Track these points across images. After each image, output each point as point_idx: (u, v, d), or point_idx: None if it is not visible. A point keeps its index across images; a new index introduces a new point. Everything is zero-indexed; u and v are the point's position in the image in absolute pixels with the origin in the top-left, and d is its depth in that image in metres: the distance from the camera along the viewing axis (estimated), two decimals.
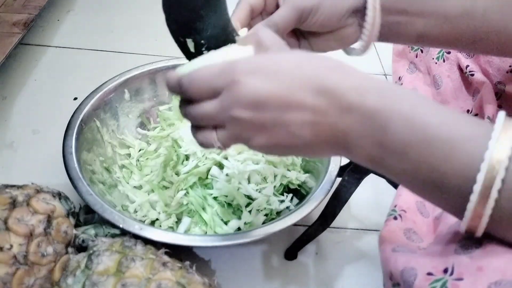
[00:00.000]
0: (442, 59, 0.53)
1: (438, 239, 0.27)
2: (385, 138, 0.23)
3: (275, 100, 0.24)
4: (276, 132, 0.25)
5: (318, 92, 0.23)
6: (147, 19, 0.78)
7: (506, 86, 0.46)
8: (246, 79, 0.24)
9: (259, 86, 0.24)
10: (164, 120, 0.56)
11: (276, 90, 0.24)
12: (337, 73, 0.24)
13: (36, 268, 0.34)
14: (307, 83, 0.23)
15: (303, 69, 0.24)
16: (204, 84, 0.25)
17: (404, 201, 0.34)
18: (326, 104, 0.23)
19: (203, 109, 0.26)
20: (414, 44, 0.38)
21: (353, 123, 0.23)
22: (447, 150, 0.21)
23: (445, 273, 0.22)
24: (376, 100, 0.23)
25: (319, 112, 0.23)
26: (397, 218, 0.33)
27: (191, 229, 0.46)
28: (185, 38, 0.32)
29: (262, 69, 0.24)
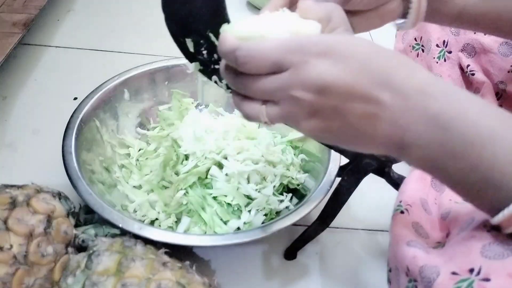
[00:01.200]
0: (443, 58, 0.53)
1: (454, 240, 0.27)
2: (446, 139, 0.23)
3: (341, 87, 0.23)
4: (332, 119, 0.24)
5: (385, 86, 0.23)
6: (147, 19, 0.78)
7: (507, 85, 0.46)
8: (316, 60, 0.23)
9: (327, 70, 0.23)
10: (163, 120, 0.56)
11: (343, 77, 0.23)
12: (405, 70, 0.23)
13: (36, 268, 0.35)
14: (376, 76, 0.23)
15: (374, 60, 0.23)
16: (266, 62, 0.24)
17: (408, 197, 0.34)
18: (391, 99, 0.23)
19: (262, 84, 0.24)
20: (451, 23, 0.37)
21: (415, 122, 0.23)
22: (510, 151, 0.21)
23: (471, 273, 0.22)
24: (441, 102, 0.23)
25: (382, 106, 0.23)
26: (404, 212, 0.33)
27: (191, 229, 0.46)
28: (185, 38, 0.32)
29: (333, 53, 0.23)
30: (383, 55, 0.24)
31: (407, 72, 0.23)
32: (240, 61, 0.24)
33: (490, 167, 0.22)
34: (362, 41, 0.24)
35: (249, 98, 0.26)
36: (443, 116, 0.22)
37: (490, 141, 0.22)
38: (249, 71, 0.24)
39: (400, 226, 0.31)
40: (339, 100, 0.23)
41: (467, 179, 0.23)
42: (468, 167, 0.23)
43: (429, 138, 0.23)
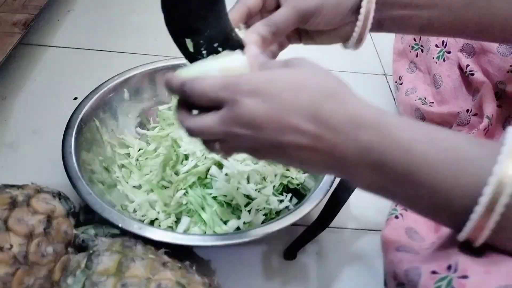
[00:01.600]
0: (443, 58, 0.53)
1: (441, 238, 0.27)
2: (384, 168, 0.23)
3: (272, 123, 0.24)
4: (274, 151, 0.26)
5: (313, 120, 0.24)
6: (147, 19, 0.78)
7: (507, 86, 0.46)
8: (246, 100, 0.25)
9: (256, 108, 0.24)
10: (163, 120, 0.56)
11: (273, 113, 0.24)
12: (333, 102, 0.24)
13: (36, 268, 0.35)
14: (303, 110, 0.24)
15: (300, 95, 0.24)
16: (205, 96, 0.26)
17: None
18: (322, 132, 0.24)
19: (204, 122, 0.27)
20: (417, 34, 0.38)
21: (350, 153, 0.24)
22: (451, 173, 0.22)
23: (449, 270, 0.22)
24: (371, 134, 0.23)
25: (314, 138, 0.24)
26: (398, 217, 0.33)
27: (190, 229, 0.46)
28: (184, 38, 0.32)
29: (261, 91, 0.24)
30: (312, 88, 0.24)
31: (335, 105, 0.24)
32: (186, 93, 0.27)
33: (433, 191, 0.22)
34: (294, 74, 0.25)
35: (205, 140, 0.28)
36: (376, 148, 0.23)
37: (425, 166, 0.22)
38: (194, 102, 0.27)
39: (392, 231, 0.31)
40: (273, 135, 0.25)
41: (418, 203, 0.24)
42: (413, 193, 0.23)
43: (367, 168, 0.24)
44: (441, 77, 0.53)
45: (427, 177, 0.22)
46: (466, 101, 0.50)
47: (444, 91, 0.53)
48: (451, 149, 0.22)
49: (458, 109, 0.51)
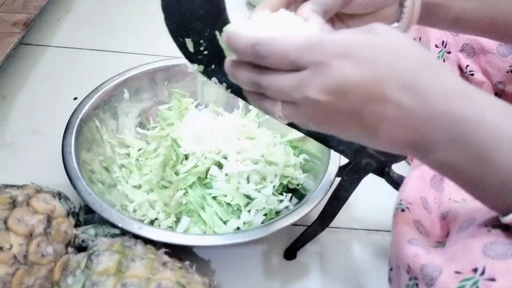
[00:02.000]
0: (443, 58, 0.53)
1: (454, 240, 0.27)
2: (467, 143, 0.23)
3: (361, 90, 0.23)
4: (347, 123, 0.24)
5: (407, 89, 0.23)
6: (147, 19, 0.78)
7: (506, 86, 0.46)
8: (336, 62, 0.22)
9: (348, 73, 0.22)
10: (163, 120, 0.56)
11: (365, 79, 0.22)
12: (429, 73, 0.23)
13: (36, 268, 0.35)
14: (398, 78, 0.23)
15: (397, 62, 0.23)
16: (287, 58, 0.23)
17: (408, 196, 0.34)
18: (412, 103, 0.23)
19: (279, 83, 0.24)
20: (449, 28, 0.37)
21: (436, 127, 0.23)
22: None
23: (475, 273, 0.22)
24: (464, 108, 0.22)
25: (402, 109, 0.23)
26: (405, 210, 0.33)
27: (190, 229, 0.46)
28: (184, 37, 0.32)
29: (355, 55, 0.23)
30: (408, 56, 0.23)
31: (432, 76, 0.23)
32: (260, 54, 0.24)
33: (505, 172, 0.22)
34: (386, 41, 0.23)
35: (265, 96, 0.26)
36: (465, 122, 0.22)
37: (507, 147, 0.22)
38: (271, 65, 0.24)
39: (402, 224, 0.31)
40: (357, 103, 0.23)
41: (485, 182, 0.23)
42: (486, 171, 0.23)
43: (449, 143, 0.23)
44: None
45: (505, 158, 0.22)
46: None
47: None
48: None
49: None
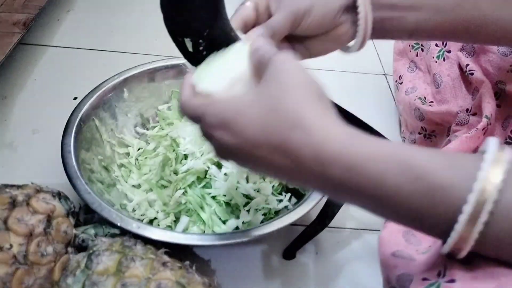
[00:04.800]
0: (443, 58, 0.53)
1: (436, 243, 0.27)
2: (358, 199, 0.23)
3: (244, 154, 0.25)
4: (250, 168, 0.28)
5: (283, 153, 0.24)
6: (147, 19, 0.78)
7: (507, 85, 0.46)
8: (216, 132, 0.26)
9: (227, 140, 0.25)
10: (163, 119, 0.56)
11: (242, 147, 0.25)
12: (298, 133, 0.23)
13: (36, 268, 0.35)
14: (271, 143, 0.24)
15: (267, 127, 0.24)
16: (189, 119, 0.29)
17: None
18: (287, 163, 0.24)
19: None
20: (409, 39, 0.37)
21: (322, 185, 0.24)
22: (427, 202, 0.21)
23: (439, 277, 0.22)
24: (339, 171, 0.22)
25: (285, 169, 0.24)
26: None
27: (189, 228, 0.46)
28: (183, 37, 0.32)
29: (228, 125, 0.25)
30: (280, 116, 0.24)
31: (301, 137, 0.23)
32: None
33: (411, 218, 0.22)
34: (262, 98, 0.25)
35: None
36: (346, 184, 0.23)
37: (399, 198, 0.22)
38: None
39: (389, 235, 0.31)
40: (247, 161, 0.26)
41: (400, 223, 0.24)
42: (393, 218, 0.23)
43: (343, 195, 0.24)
44: (441, 76, 0.53)
45: (403, 208, 0.22)
46: (465, 101, 0.50)
47: (443, 91, 0.53)
48: (424, 178, 0.21)
49: (458, 109, 0.50)
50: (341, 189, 0.23)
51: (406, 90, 0.59)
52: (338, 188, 0.23)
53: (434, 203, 0.21)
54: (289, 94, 0.24)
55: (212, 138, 0.26)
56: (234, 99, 0.26)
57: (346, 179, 0.22)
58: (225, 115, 0.25)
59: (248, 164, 0.27)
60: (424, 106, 0.55)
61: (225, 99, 0.26)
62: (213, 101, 0.27)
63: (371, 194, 0.22)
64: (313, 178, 0.24)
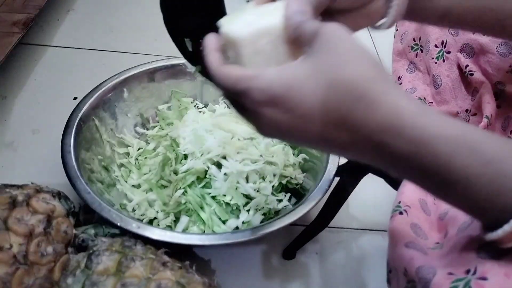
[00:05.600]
0: (442, 58, 0.53)
1: (452, 241, 0.27)
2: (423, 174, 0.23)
3: (298, 131, 0.24)
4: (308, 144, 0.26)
5: (344, 127, 0.22)
6: (147, 19, 0.78)
7: (506, 86, 0.46)
8: (264, 110, 0.23)
9: (278, 119, 0.23)
10: (163, 119, 0.56)
11: (297, 123, 0.23)
12: (362, 107, 0.22)
13: (36, 268, 0.35)
14: (331, 118, 0.22)
15: (326, 101, 0.22)
16: (227, 92, 0.26)
17: (407, 198, 0.34)
18: (351, 139, 0.23)
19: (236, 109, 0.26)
20: (436, 23, 0.37)
21: (381, 159, 0.23)
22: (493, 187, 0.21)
23: (467, 274, 0.22)
24: (407, 145, 0.22)
25: (343, 145, 0.23)
26: (403, 213, 0.33)
27: (189, 228, 0.47)
28: (183, 37, 0.32)
29: (280, 102, 0.23)
30: (340, 89, 0.22)
31: (365, 110, 0.22)
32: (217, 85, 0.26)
33: (472, 200, 0.22)
34: (314, 72, 0.23)
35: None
36: (413, 159, 0.22)
37: (465, 180, 0.21)
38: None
39: (399, 227, 0.31)
40: (301, 139, 0.24)
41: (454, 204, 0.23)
42: (451, 198, 0.23)
43: (402, 172, 0.23)
44: (440, 77, 0.53)
45: (465, 189, 0.21)
46: (465, 101, 0.50)
47: (443, 91, 0.53)
48: (493, 163, 0.21)
49: (457, 109, 0.51)
50: (404, 164, 0.22)
51: (405, 91, 0.59)
52: (401, 163, 0.22)
53: (502, 190, 0.21)
54: (350, 66, 0.22)
55: (258, 115, 0.24)
56: (285, 71, 0.24)
57: (411, 154, 0.22)
58: (276, 90, 0.23)
59: (300, 141, 0.25)
60: None
61: (273, 72, 0.24)
62: (259, 74, 0.24)
63: (436, 172, 0.22)
64: (376, 153, 0.23)
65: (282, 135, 0.25)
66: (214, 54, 0.26)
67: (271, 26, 0.26)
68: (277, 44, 0.26)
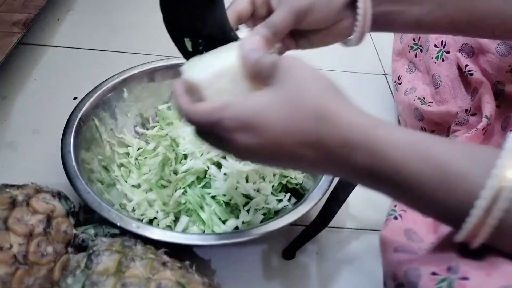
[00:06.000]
0: (442, 58, 0.53)
1: (439, 239, 0.27)
2: (381, 184, 0.24)
3: (268, 152, 0.25)
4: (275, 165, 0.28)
5: (310, 145, 0.24)
6: (147, 19, 0.78)
7: (506, 86, 0.46)
8: (236, 135, 0.25)
9: (250, 142, 0.25)
10: (162, 119, 0.56)
11: (267, 145, 0.25)
12: (325, 125, 0.24)
13: (36, 268, 0.35)
14: (297, 138, 0.24)
15: (291, 123, 0.24)
16: (199, 128, 0.28)
17: None
18: (316, 155, 0.25)
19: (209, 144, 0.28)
20: (411, 32, 0.38)
21: (348, 173, 0.25)
22: (445, 189, 0.22)
23: (449, 272, 0.22)
24: (365, 157, 0.23)
25: (311, 162, 0.25)
26: (397, 218, 0.33)
27: (189, 228, 0.47)
28: (183, 37, 0.32)
29: (250, 126, 0.25)
30: (303, 111, 0.24)
31: (328, 128, 0.24)
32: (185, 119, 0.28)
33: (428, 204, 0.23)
34: (280, 98, 0.25)
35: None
36: (370, 168, 0.24)
37: (419, 185, 0.22)
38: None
39: (391, 232, 0.32)
40: (272, 159, 0.26)
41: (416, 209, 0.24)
42: (411, 204, 0.24)
43: (367, 181, 0.25)
44: (440, 77, 0.53)
45: (422, 194, 0.23)
46: (465, 101, 0.50)
47: (443, 91, 0.53)
48: (443, 165, 0.22)
49: (457, 109, 0.51)
50: (365, 176, 0.24)
51: (405, 91, 0.59)
52: (363, 175, 0.24)
53: (453, 190, 0.22)
54: (308, 90, 0.25)
55: (232, 141, 0.26)
56: (251, 100, 0.26)
57: (369, 166, 0.23)
58: (245, 117, 0.25)
59: (273, 162, 0.27)
60: (423, 107, 0.55)
61: (241, 101, 0.26)
62: (228, 104, 0.26)
63: (393, 180, 0.23)
64: (340, 166, 0.24)
65: (256, 158, 0.27)
66: (183, 97, 0.28)
67: (230, 65, 0.28)
68: (236, 81, 0.28)
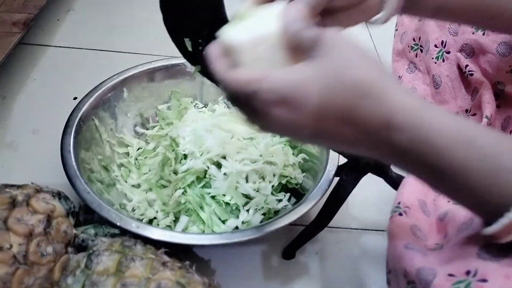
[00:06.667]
0: (442, 58, 0.53)
1: (452, 242, 0.27)
2: (421, 167, 0.24)
3: (304, 128, 0.25)
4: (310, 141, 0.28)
5: (350, 123, 0.23)
6: (147, 19, 0.78)
7: (506, 86, 0.46)
8: (272, 110, 0.24)
9: (285, 118, 0.24)
10: (162, 119, 0.56)
11: (304, 121, 0.24)
12: (367, 102, 0.23)
13: (36, 267, 0.35)
14: (337, 114, 0.23)
15: (332, 98, 0.23)
16: (234, 96, 0.26)
17: (407, 198, 0.35)
18: (359, 135, 0.24)
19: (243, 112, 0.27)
20: (432, 16, 0.37)
21: (386, 153, 0.24)
22: (490, 181, 0.22)
23: (468, 275, 0.22)
24: (408, 139, 0.23)
25: (349, 141, 0.24)
26: (402, 214, 0.33)
27: (189, 228, 0.47)
28: (183, 37, 0.32)
29: (287, 100, 0.24)
30: (345, 86, 0.23)
31: (370, 106, 0.23)
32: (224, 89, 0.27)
33: (469, 193, 0.23)
34: (320, 71, 0.24)
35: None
36: (413, 151, 0.23)
37: (463, 173, 0.22)
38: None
39: (398, 228, 0.31)
40: (309, 136, 0.25)
41: (452, 196, 0.24)
42: (449, 190, 0.24)
43: (403, 164, 0.24)
44: (440, 77, 0.53)
45: (464, 182, 0.22)
46: (465, 101, 0.50)
47: (443, 91, 0.53)
48: (490, 158, 0.22)
49: (457, 109, 0.51)
50: (406, 158, 0.23)
51: (406, 87, 0.59)
52: (403, 157, 0.23)
53: (498, 184, 0.21)
54: (354, 66, 0.24)
55: (267, 115, 0.25)
56: (291, 73, 0.25)
57: (413, 148, 0.23)
58: (284, 90, 0.24)
59: (307, 138, 0.26)
60: None
61: (281, 73, 0.25)
62: (266, 76, 0.24)
63: (435, 165, 0.22)
64: (379, 146, 0.24)
65: (290, 133, 0.26)
66: (220, 61, 0.27)
67: (270, 32, 0.26)
68: (275, 50, 0.26)
